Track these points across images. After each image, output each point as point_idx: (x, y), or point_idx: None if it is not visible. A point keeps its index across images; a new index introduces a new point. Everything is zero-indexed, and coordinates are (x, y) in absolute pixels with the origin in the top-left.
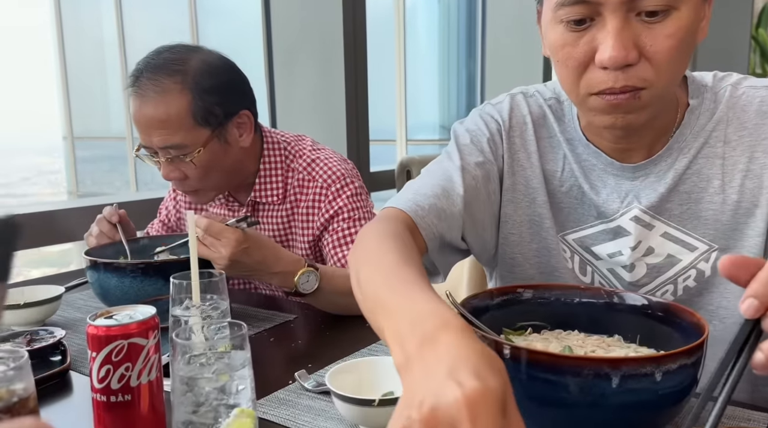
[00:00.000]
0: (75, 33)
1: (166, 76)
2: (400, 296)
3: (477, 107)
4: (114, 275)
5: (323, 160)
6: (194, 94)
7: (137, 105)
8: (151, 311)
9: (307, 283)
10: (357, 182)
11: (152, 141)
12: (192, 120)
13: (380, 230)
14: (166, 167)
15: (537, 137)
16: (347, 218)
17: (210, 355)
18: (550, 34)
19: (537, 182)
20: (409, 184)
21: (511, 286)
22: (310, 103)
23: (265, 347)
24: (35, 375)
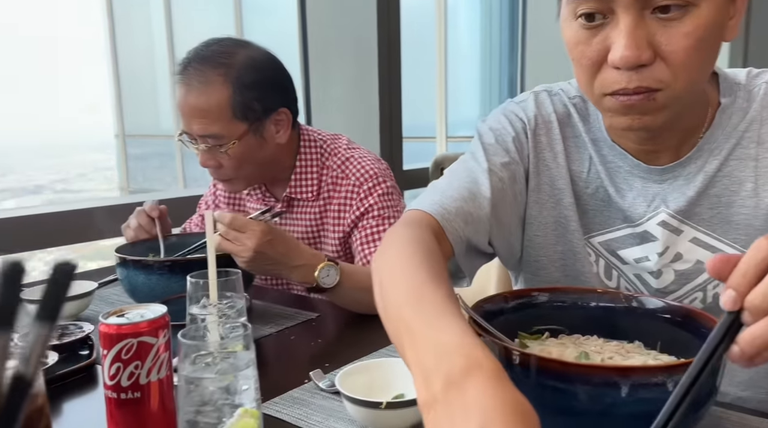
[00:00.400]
0: (126, 34)
1: (211, 67)
2: (427, 324)
3: (500, 106)
4: (141, 272)
5: (357, 158)
6: (235, 89)
7: (182, 93)
8: (161, 309)
9: (328, 277)
10: (389, 181)
11: (192, 128)
12: (230, 113)
13: (406, 238)
14: (203, 155)
15: (563, 136)
16: (377, 216)
17: (216, 355)
18: (566, 31)
19: (563, 182)
20: (434, 184)
21: (526, 289)
22: (343, 100)
23: (285, 345)
24: (64, 367)
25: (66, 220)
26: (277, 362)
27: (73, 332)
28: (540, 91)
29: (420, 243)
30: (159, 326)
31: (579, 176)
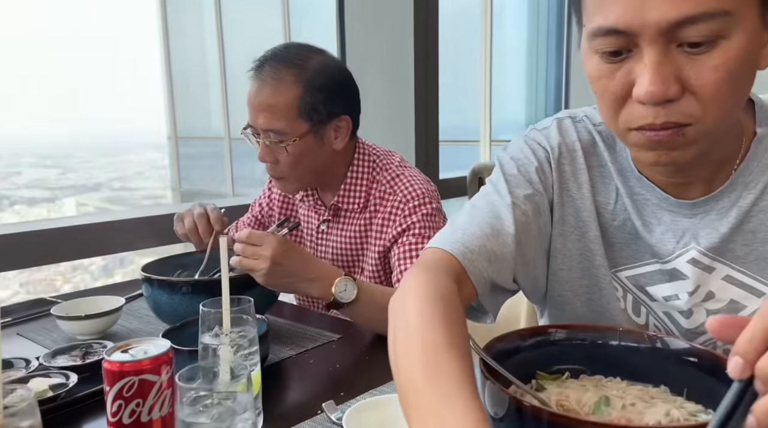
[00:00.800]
0: (179, 40)
1: (286, 67)
2: (437, 400)
3: (521, 134)
4: (165, 291)
5: (407, 177)
6: (304, 89)
7: (255, 88)
8: (165, 345)
9: (345, 292)
10: (435, 203)
11: (258, 122)
12: (296, 111)
13: (424, 286)
14: (263, 150)
15: (588, 165)
16: (417, 234)
17: (214, 397)
18: (587, 64)
19: (588, 214)
20: (455, 220)
21: (544, 326)
22: (378, 103)
23: (302, 369)
24: (83, 389)
25: (103, 231)
26: (293, 388)
27: (96, 351)
28: (563, 118)
29: (439, 294)
30: (162, 362)
31: (605, 207)
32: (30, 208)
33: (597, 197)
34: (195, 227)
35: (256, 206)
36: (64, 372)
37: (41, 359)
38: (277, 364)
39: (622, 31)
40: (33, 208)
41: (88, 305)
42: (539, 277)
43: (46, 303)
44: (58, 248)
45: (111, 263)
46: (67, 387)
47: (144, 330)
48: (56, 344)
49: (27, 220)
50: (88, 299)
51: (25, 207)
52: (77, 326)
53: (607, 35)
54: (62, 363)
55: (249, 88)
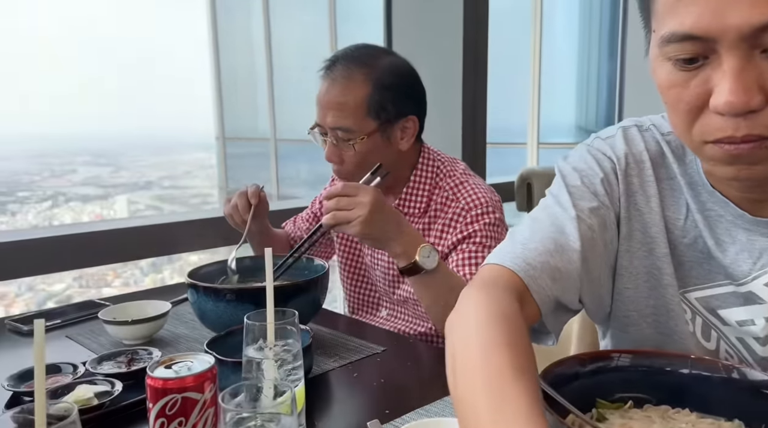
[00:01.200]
0: (228, 42)
1: (356, 66)
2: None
3: (584, 142)
4: (210, 298)
5: (471, 185)
6: (374, 88)
7: (325, 86)
8: (209, 361)
9: (428, 259)
10: (498, 213)
11: (326, 120)
12: (365, 110)
13: (484, 306)
14: (330, 149)
15: (656, 177)
16: (478, 243)
17: (258, 420)
18: (658, 72)
19: (657, 229)
20: (514, 233)
21: (606, 351)
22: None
23: (347, 383)
24: (128, 397)
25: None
26: (337, 403)
27: (141, 357)
28: (629, 127)
29: (501, 313)
30: (205, 379)
31: (675, 223)
32: (84, 205)
33: (666, 212)
34: (236, 205)
35: (316, 203)
36: (109, 380)
37: (88, 365)
38: (320, 376)
39: (698, 37)
40: (87, 205)
41: (134, 309)
42: (604, 296)
43: (94, 306)
44: (111, 249)
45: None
46: (112, 395)
47: (189, 336)
48: (103, 347)
49: (81, 221)
50: (135, 303)
51: (79, 204)
52: (124, 331)
53: (682, 41)
54: (108, 369)
55: (320, 87)
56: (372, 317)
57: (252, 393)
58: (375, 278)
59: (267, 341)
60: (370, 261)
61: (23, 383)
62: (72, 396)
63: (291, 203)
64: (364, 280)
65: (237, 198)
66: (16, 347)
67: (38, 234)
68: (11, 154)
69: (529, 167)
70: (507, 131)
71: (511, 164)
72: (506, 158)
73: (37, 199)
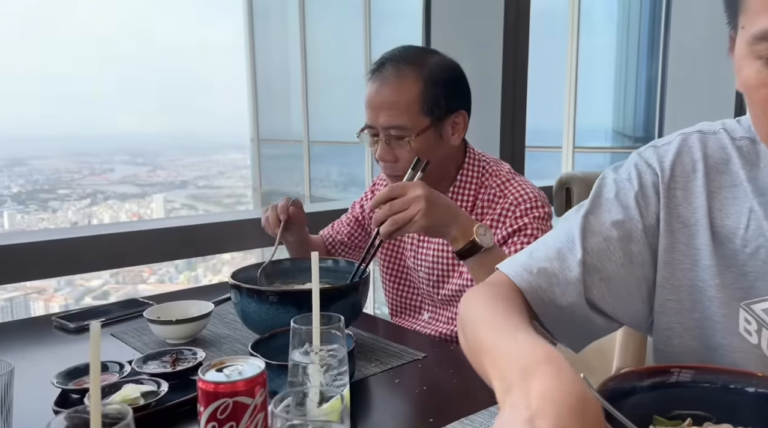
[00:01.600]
0: (264, 46)
1: (406, 65)
2: (502, 336)
3: (638, 149)
4: (253, 300)
5: (519, 182)
6: (426, 85)
7: (375, 87)
8: (260, 366)
9: (485, 237)
10: (547, 208)
11: (378, 121)
12: (418, 107)
13: (486, 292)
14: (383, 149)
15: (710, 187)
16: (530, 235)
17: (308, 426)
18: (745, 71)
19: (702, 241)
20: (530, 246)
21: (665, 366)
22: None
23: (389, 390)
24: (174, 397)
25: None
26: (379, 410)
27: (186, 357)
28: (691, 134)
29: (502, 297)
30: (256, 384)
31: (734, 232)
32: (122, 203)
33: (724, 221)
34: (268, 220)
35: (356, 207)
36: (155, 380)
37: (134, 364)
38: (362, 382)
39: None
40: (125, 203)
41: (178, 309)
42: (639, 307)
43: (138, 304)
44: (148, 250)
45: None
46: (158, 395)
47: (231, 336)
48: (147, 346)
49: (119, 218)
50: (178, 303)
51: (117, 202)
52: (168, 330)
53: None
54: (153, 369)
55: (369, 89)
56: (414, 321)
57: (298, 398)
58: (417, 280)
59: (312, 345)
60: (413, 263)
61: (71, 380)
62: (119, 395)
63: (324, 206)
64: (406, 283)
65: (270, 211)
66: (63, 343)
67: (79, 233)
68: (53, 153)
69: (569, 171)
70: (541, 133)
71: (545, 167)
72: (540, 162)
73: (77, 196)
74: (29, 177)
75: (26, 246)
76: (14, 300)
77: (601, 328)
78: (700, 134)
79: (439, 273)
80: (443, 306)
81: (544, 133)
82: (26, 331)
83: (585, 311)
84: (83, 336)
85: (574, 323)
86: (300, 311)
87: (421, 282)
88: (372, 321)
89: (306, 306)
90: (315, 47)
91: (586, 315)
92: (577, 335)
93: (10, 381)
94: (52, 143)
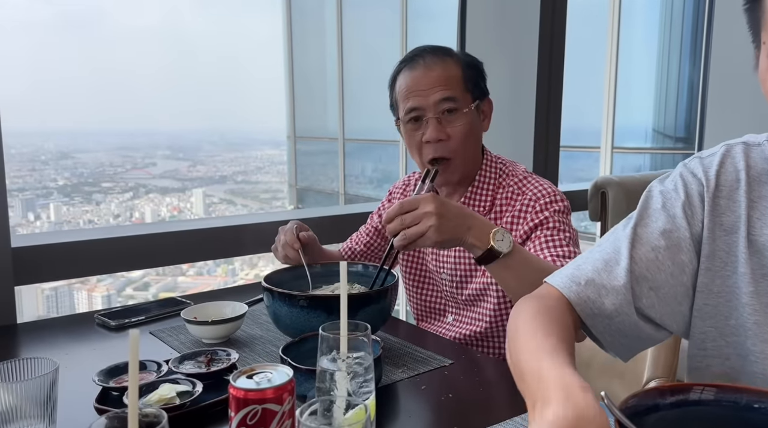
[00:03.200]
0: (301, 44)
1: (442, 53)
2: (536, 361)
3: (683, 162)
4: (285, 304)
5: (536, 179)
6: (463, 67)
7: (419, 72)
8: (288, 374)
9: (503, 241)
10: (566, 202)
11: (429, 99)
12: (463, 84)
13: (531, 308)
14: (435, 127)
15: (751, 197)
16: (552, 228)
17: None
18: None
19: (741, 249)
20: (578, 256)
21: (688, 384)
22: (497, 105)
23: (415, 396)
24: (209, 397)
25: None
26: (405, 417)
27: (221, 358)
28: (735, 145)
29: (547, 312)
30: (284, 391)
31: None
32: (162, 196)
33: (763, 230)
34: (286, 255)
35: (375, 217)
36: (191, 380)
37: (171, 363)
38: (389, 387)
39: None
40: (165, 196)
41: (213, 309)
42: (688, 315)
43: (175, 303)
44: (187, 249)
45: None
46: (193, 395)
47: (264, 338)
48: (184, 345)
49: (159, 212)
50: (214, 303)
51: (158, 195)
52: (204, 330)
53: None
54: (189, 368)
55: (410, 78)
56: (439, 324)
57: (325, 404)
58: (440, 283)
59: (340, 352)
60: (434, 267)
61: (111, 378)
62: (156, 395)
63: (356, 208)
64: (429, 287)
65: (283, 250)
66: (104, 340)
67: (122, 233)
68: (98, 147)
69: (606, 175)
70: (578, 132)
71: (581, 167)
72: (579, 161)
73: (119, 190)
74: (74, 170)
75: (70, 245)
76: (59, 290)
77: (648, 336)
78: (744, 145)
79: (462, 274)
80: (466, 307)
81: (583, 132)
82: (70, 327)
83: (634, 320)
84: (124, 334)
85: (622, 332)
86: (330, 316)
87: (444, 285)
88: (399, 324)
89: (335, 311)
90: (351, 46)
91: (635, 324)
92: (625, 344)
93: (56, 379)
94: (98, 138)
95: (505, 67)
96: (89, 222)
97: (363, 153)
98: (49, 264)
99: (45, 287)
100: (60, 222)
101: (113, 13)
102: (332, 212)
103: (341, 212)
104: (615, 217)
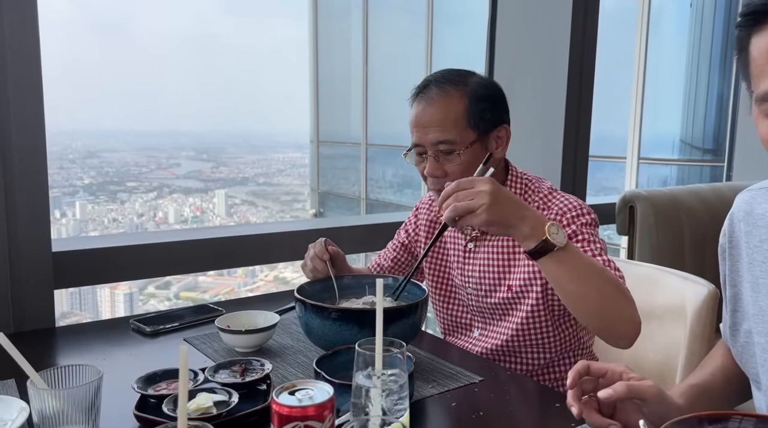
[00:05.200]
0: (327, 49)
1: (450, 85)
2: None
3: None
4: (317, 316)
5: (561, 195)
6: (470, 100)
7: (421, 107)
8: (329, 391)
9: (558, 235)
10: (593, 214)
11: (427, 138)
12: (465, 121)
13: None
14: (432, 164)
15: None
16: (582, 240)
17: None
18: (760, 128)
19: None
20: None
21: (727, 413)
22: (525, 115)
23: (445, 413)
24: (244, 407)
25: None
26: None
27: (255, 368)
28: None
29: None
30: (325, 408)
31: None
32: (186, 197)
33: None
34: (315, 267)
35: (401, 234)
36: (227, 389)
37: (206, 372)
38: (420, 403)
39: None
40: (188, 197)
41: (246, 318)
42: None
43: (208, 311)
44: (219, 256)
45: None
46: (229, 406)
47: (295, 348)
48: (217, 353)
49: (182, 212)
50: (246, 312)
51: (182, 196)
52: (237, 339)
53: None
54: (224, 378)
55: (415, 110)
56: (466, 339)
57: (362, 423)
58: (466, 297)
59: (375, 369)
60: (460, 281)
61: (150, 386)
62: (193, 404)
63: (382, 218)
64: (455, 301)
65: (312, 263)
66: (140, 345)
67: (156, 239)
68: (124, 146)
69: (633, 190)
70: (604, 141)
71: (608, 177)
72: (603, 172)
73: (144, 189)
74: (100, 169)
75: (107, 251)
76: (82, 287)
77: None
78: (750, 191)
79: (487, 287)
80: (493, 321)
81: (608, 141)
82: (106, 332)
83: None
84: (158, 340)
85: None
86: (361, 329)
87: (470, 299)
88: (424, 336)
89: (367, 324)
90: (376, 51)
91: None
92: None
93: (99, 386)
94: (123, 137)
95: (537, 74)
96: (113, 221)
97: (384, 158)
98: (87, 269)
99: None
100: (85, 220)
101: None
102: (356, 222)
103: (364, 222)
104: (643, 232)
